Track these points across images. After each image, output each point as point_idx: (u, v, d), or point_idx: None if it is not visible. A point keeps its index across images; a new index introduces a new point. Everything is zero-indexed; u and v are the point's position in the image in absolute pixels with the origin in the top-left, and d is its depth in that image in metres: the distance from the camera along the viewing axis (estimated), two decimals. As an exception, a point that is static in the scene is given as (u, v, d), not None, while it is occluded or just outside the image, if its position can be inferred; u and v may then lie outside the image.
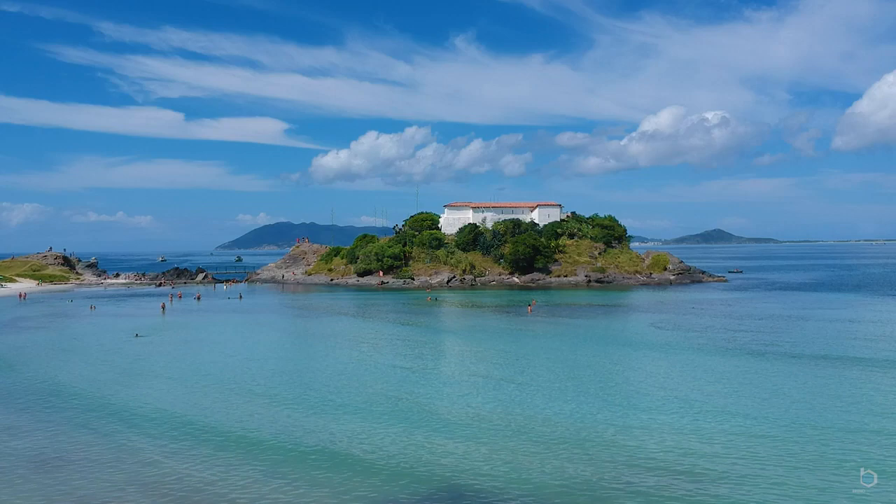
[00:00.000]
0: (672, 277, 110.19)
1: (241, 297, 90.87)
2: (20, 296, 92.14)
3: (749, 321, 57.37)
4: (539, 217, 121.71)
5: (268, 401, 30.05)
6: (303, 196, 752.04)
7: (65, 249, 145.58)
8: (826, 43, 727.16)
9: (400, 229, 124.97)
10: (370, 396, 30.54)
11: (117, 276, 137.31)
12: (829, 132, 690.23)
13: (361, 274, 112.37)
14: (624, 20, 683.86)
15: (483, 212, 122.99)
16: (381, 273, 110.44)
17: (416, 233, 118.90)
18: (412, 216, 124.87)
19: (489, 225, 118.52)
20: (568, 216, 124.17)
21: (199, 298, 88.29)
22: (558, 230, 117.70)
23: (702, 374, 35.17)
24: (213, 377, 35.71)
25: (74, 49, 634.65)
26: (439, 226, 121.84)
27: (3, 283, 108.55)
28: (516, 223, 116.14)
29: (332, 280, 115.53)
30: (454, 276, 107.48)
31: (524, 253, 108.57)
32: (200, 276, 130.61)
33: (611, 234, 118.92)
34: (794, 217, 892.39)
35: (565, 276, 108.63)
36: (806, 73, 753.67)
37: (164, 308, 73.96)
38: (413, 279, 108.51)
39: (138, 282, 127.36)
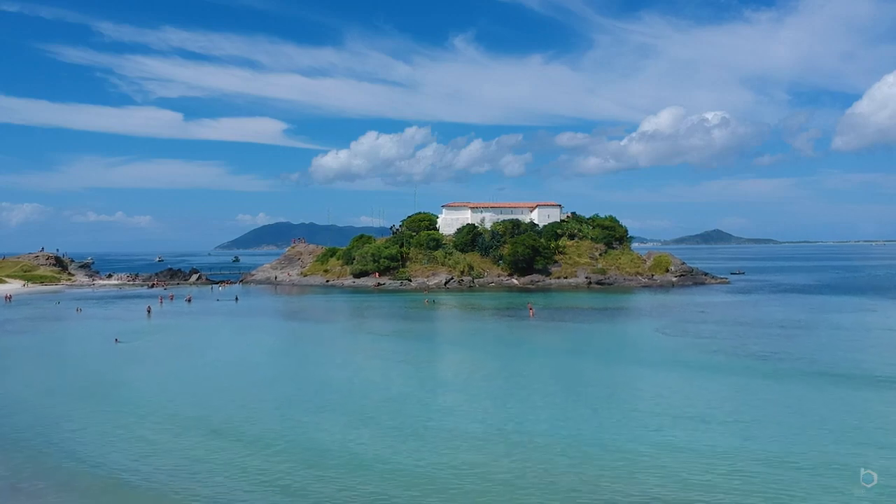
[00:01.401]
0: (674, 279, 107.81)
1: (237, 299, 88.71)
2: (6, 297, 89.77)
3: (758, 328, 54.86)
4: (539, 217, 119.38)
5: (239, 425, 27.24)
6: (302, 196, 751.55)
7: (57, 250, 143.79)
8: (826, 43, 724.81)
9: (397, 230, 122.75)
10: (354, 419, 27.92)
11: (110, 276, 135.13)
12: (829, 132, 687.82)
13: (357, 275, 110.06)
14: (623, 20, 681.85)
15: (482, 212, 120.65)
16: (377, 274, 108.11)
17: (414, 233, 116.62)
18: (409, 216, 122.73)
19: (488, 225, 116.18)
20: (568, 216, 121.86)
21: (189, 300, 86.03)
22: (558, 231, 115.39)
23: (715, 388, 32.62)
24: (181, 395, 32.39)
25: (74, 49, 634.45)
26: (437, 226, 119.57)
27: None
28: (515, 224, 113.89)
29: (327, 281, 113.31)
30: (452, 278, 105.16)
31: (523, 254, 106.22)
32: (194, 276, 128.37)
33: (611, 234, 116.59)
34: (794, 217, 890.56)
35: (565, 277, 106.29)
36: (806, 74, 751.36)
37: (149, 311, 71.65)
38: (410, 280, 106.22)
39: (130, 283, 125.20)
